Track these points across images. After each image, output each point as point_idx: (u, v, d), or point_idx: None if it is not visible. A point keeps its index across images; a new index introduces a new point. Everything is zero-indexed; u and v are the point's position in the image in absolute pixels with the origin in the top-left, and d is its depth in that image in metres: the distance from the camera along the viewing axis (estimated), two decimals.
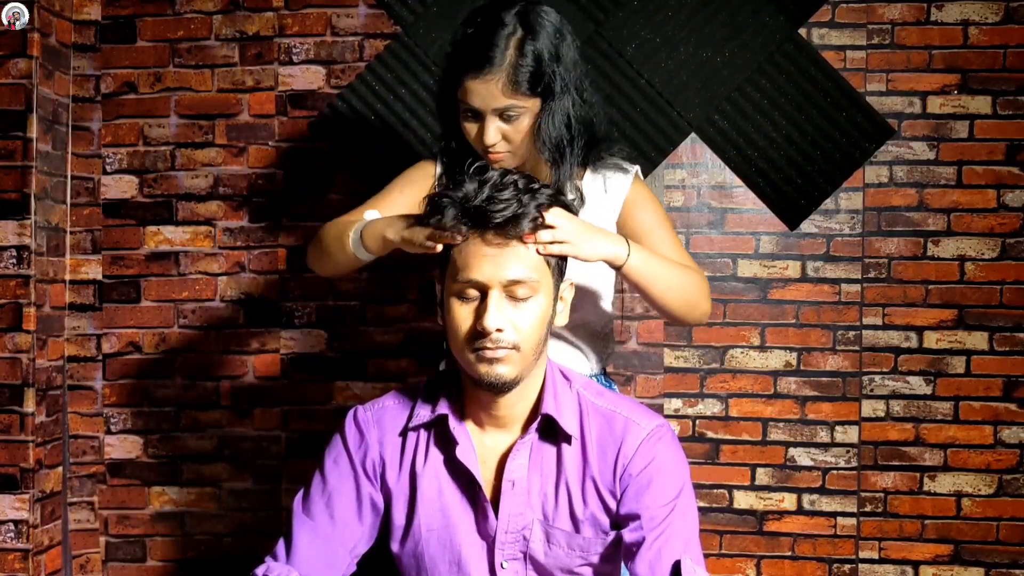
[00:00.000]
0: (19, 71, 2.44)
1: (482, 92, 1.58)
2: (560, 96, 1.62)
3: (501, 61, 1.57)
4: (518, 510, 1.41)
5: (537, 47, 1.59)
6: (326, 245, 1.71)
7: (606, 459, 1.40)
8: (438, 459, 1.43)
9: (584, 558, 1.42)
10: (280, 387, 2.62)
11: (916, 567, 2.54)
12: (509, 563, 1.42)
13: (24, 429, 2.45)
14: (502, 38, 1.57)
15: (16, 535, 2.44)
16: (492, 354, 1.32)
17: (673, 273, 1.64)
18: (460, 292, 1.34)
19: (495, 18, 1.59)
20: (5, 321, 2.45)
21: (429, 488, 1.42)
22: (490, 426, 1.43)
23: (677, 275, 1.65)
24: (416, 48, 2.55)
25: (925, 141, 2.52)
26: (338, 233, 1.67)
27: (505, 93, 1.58)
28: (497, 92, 1.58)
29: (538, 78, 1.59)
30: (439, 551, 1.42)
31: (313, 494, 1.45)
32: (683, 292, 1.66)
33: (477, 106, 1.60)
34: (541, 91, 1.61)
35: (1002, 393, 2.52)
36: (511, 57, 1.57)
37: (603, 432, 1.41)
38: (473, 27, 1.61)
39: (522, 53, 1.58)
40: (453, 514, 1.42)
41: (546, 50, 1.60)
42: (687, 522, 1.39)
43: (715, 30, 2.49)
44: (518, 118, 1.61)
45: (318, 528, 1.43)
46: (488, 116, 1.61)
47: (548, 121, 1.63)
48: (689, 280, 1.67)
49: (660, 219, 1.76)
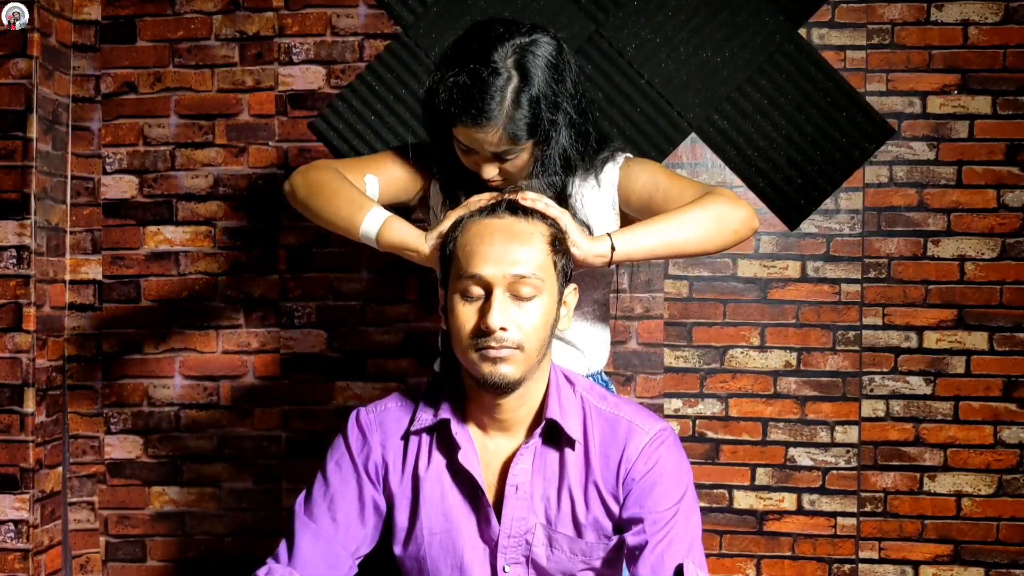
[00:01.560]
0: (19, 71, 2.44)
1: (478, 139, 1.54)
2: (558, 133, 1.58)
3: (498, 115, 1.50)
4: (521, 514, 1.40)
5: (533, 93, 1.51)
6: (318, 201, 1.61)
7: (609, 463, 1.40)
8: (441, 463, 1.43)
9: (587, 562, 1.42)
10: (280, 387, 2.62)
11: (916, 567, 2.54)
12: (511, 567, 1.42)
13: (24, 429, 2.45)
14: (497, 90, 1.49)
15: (16, 535, 2.44)
16: (496, 353, 1.31)
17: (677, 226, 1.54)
18: (464, 290, 1.34)
19: (489, 66, 1.50)
20: (5, 321, 2.45)
21: (432, 491, 1.42)
22: (493, 430, 1.42)
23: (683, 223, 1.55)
24: (416, 48, 2.55)
25: (925, 141, 2.52)
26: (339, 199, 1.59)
27: (502, 142, 1.54)
28: (494, 141, 1.53)
29: (536, 125, 1.54)
30: (441, 555, 1.42)
31: (315, 496, 1.45)
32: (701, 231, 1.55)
33: (474, 147, 1.56)
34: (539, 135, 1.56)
35: (1002, 393, 2.52)
36: (508, 110, 1.50)
37: (606, 436, 1.41)
38: (465, 74, 1.51)
39: (518, 104, 1.51)
40: (456, 518, 1.42)
41: (543, 96, 1.53)
42: (690, 526, 1.39)
43: (715, 30, 2.49)
44: (516, 156, 1.58)
45: (320, 530, 1.43)
46: (485, 158, 1.57)
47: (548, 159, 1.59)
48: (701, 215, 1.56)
49: (655, 174, 1.70)
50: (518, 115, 1.51)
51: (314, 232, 2.60)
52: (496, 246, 1.32)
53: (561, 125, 1.58)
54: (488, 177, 1.59)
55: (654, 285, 2.56)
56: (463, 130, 1.54)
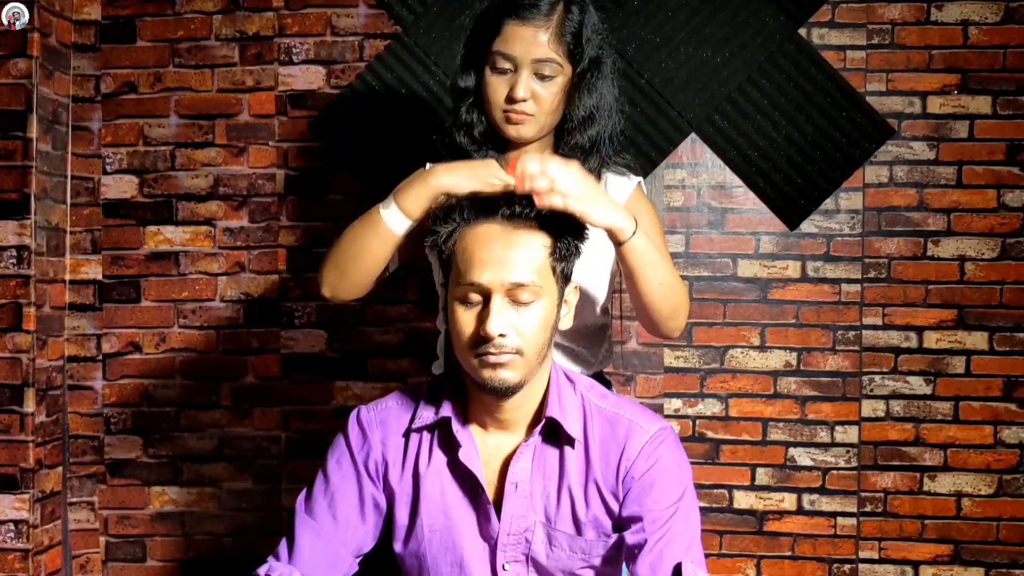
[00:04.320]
0: (19, 71, 2.44)
1: (525, 37, 1.56)
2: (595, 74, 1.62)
3: (549, 11, 1.57)
4: (520, 512, 1.41)
5: (585, 17, 1.59)
6: (345, 246, 1.58)
7: (609, 462, 1.40)
8: (441, 461, 1.43)
9: (586, 560, 1.42)
10: (280, 387, 2.62)
11: (916, 567, 2.54)
12: (511, 565, 1.42)
13: (24, 429, 2.45)
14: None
15: (16, 535, 2.44)
16: (495, 359, 1.31)
17: (668, 271, 1.59)
18: (463, 297, 1.34)
19: None
20: (5, 321, 2.45)
21: (432, 489, 1.42)
22: (493, 428, 1.43)
23: (671, 275, 1.59)
24: (416, 48, 2.55)
25: (925, 141, 2.52)
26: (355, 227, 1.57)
27: (548, 42, 1.56)
28: (541, 40, 1.56)
29: (580, 41, 1.58)
30: (441, 552, 1.42)
31: (315, 494, 1.45)
32: (672, 293, 1.59)
33: (516, 54, 1.57)
34: (579, 57, 1.59)
35: (1002, 393, 2.52)
36: (560, 11, 1.57)
37: (606, 435, 1.41)
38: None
39: (569, 11, 1.58)
40: (455, 515, 1.42)
41: (590, 23, 1.61)
42: (689, 525, 1.39)
43: (715, 30, 2.49)
44: (552, 79, 1.59)
45: (320, 528, 1.43)
46: (524, 68, 1.58)
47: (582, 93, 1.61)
48: (679, 285, 1.61)
49: (655, 229, 1.70)
50: (568, 22, 1.57)
51: (314, 232, 2.60)
52: (495, 253, 1.32)
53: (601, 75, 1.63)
54: (521, 96, 1.58)
55: None
56: (512, 27, 1.57)
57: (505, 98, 1.60)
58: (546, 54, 1.57)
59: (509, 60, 1.58)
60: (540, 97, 1.59)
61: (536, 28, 1.56)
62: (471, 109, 1.66)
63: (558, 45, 1.57)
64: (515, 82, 1.58)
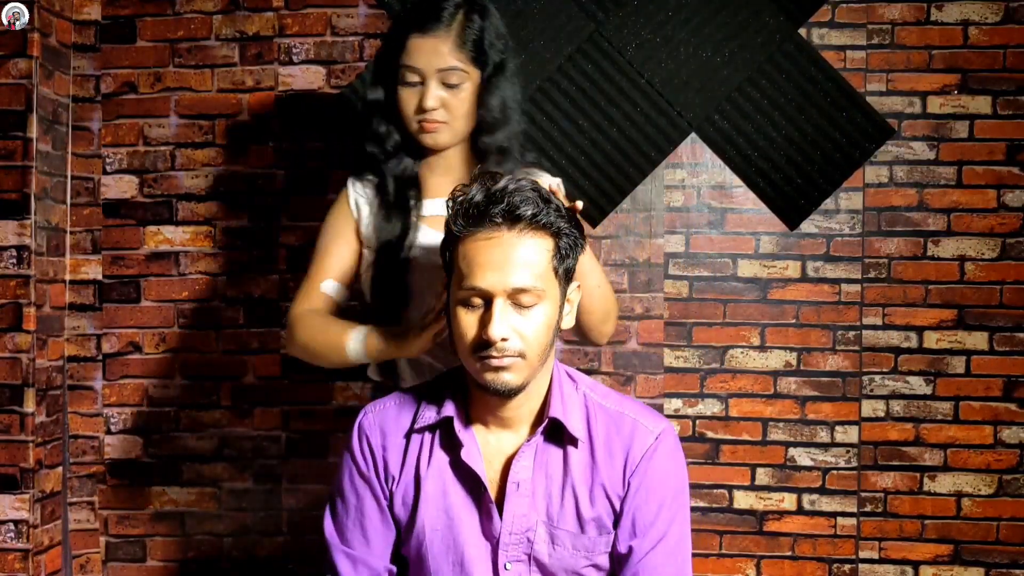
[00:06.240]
0: (19, 71, 2.44)
1: (428, 49, 1.62)
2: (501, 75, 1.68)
3: (449, 21, 1.62)
4: (522, 511, 1.41)
5: (485, 21, 1.66)
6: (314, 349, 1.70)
7: (614, 460, 1.41)
8: (443, 460, 1.44)
9: (589, 558, 1.43)
10: (280, 387, 2.62)
11: (916, 567, 2.54)
12: (513, 564, 1.42)
13: (24, 429, 2.45)
14: (451, 4, 1.64)
15: (16, 535, 2.44)
16: (498, 362, 1.32)
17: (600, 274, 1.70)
18: (465, 300, 1.34)
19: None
20: (5, 321, 2.45)
21: (433, 488, 1.43)
22: (496, 427, 1.43)
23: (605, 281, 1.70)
24: None
25: (925, 141, 2.52)
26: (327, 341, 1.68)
27: (451, 52, 1.62)
28: (443, 50, 1.62)
29: (482, 46, 1.64)
30: (443, 551, 1.43)
31: (341, 519, 1.49)
32: (606, 298, 1.70)
33: (420, 66, 1.63)
34: (484, 62, 1.65)
35: (1002, 393, 2.52)
36: (459, 19, 1.63)
37: (611, 434, 1.42)
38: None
39: (470, 19, 1.64)
40: (457, 514, 1.42)
41: (491, 27, 1.66)
42: (676, 530, 1.42)
43: (715, 30, 2.49)
44: (460, 86, 1.64)
45: (356, 555, 1.47)
46: (430, 79, 1.63)
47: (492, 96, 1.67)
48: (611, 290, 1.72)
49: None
50: (468, 30, 1.63)
51: (314, 232, 2.60)
52: (496, 258, 1.32)
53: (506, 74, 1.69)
54: (430, 106, 1.64)
55: (654, 285, 2.56)
56: (415, 40, 1.63)
57: (416, 108, 1.66)
58: (449, 63, 1.63)
59: (416, 72, 1.64)
60: (450, 104, 1.66)
61: (437, 39, 1.62)
62: (380, 122, 1.73)
63: (461, 53, 1.63)
64: (424, 93, 1.64)
